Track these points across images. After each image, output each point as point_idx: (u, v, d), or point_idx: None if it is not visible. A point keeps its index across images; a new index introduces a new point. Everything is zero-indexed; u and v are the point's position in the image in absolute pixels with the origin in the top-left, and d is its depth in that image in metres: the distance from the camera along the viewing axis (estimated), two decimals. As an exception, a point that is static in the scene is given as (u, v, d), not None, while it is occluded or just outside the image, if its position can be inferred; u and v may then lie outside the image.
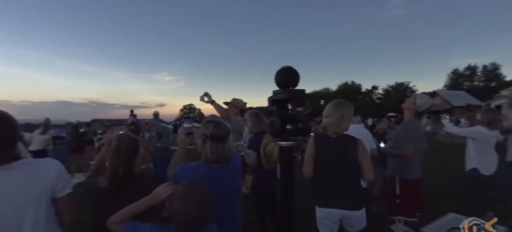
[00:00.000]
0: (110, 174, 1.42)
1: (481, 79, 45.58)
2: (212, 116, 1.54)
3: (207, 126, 1.42)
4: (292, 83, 1.33)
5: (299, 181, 5.54)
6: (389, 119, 18.50)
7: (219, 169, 1.41)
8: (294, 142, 1.36)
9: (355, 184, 1.89)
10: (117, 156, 1.43)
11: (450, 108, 29.46)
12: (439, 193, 4.31)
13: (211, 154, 1.38)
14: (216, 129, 1.40)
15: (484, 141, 3.20)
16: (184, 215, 1.08)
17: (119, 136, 1.52)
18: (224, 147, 1.42)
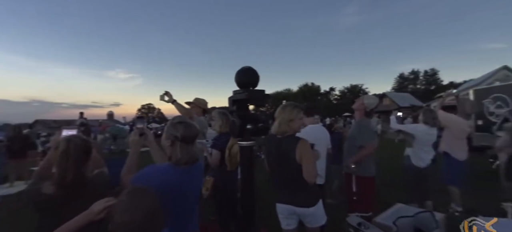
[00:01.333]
0: (58, 179, 1.28)
1: (423, 82, 51.27)
2: (180, 117, 1.50)
3: (177, 127, 1.38)
4: (252, 83, 1.35)
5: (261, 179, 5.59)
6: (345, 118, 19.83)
7: (189, 170, 1.38)
8: (254, 142, 1.38)
9: (300, 183, 1.93)
10: (66, 159, 1.30)
11: (397, 108, 32.46)
12: (388, 186, 4.73)
13: (182, 156, 1.34)
14: (187, 131, 1.37)
15: (421, 137, 3.60)
16: (127, 226, 0.96)
17: (68, 137, 1.38)
18: (193, 148, 1.41)
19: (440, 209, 3.47)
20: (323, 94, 57.65)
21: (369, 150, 2.82)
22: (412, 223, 2.46)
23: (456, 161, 3.82)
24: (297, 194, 1.98)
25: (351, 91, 53.27)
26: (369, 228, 2.40)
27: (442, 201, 3.92)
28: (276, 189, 2.12)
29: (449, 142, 3.89)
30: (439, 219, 2.49)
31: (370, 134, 2.89)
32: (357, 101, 3.15)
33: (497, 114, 7.43)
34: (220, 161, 2.65)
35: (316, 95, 55.64)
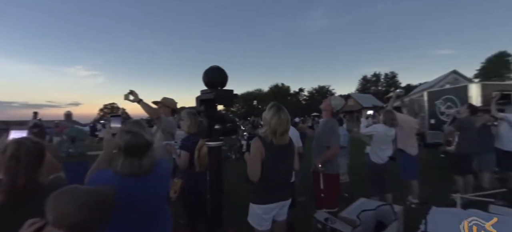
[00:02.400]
0: (7, 186, 1.16)
1: (384, 84, 54.93)
2: (133, 123, 1.38)
3: (122, 136, 1.28)
4: (220, 83, 1.34)
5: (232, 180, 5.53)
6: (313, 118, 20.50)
7: (137, 181, 1.29)
8: (222, 142, 1.37)
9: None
10: (16, 163, 1.18)
11: (360, 108, 34.36)
12: (352, 181, 4.98)
13: (122, 168, 1.26)
14: (132, 141, 1.26)
15: (380, 137, 3.86)
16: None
17: (18, 139, 1.25)
18: (143, 161, 1.29)
19: (398, 202, 3.75)
20: (293, 95, 59.08)
21: (334, 151, 2.95)
22: (374, 215, 2.63)
23: (410, 156, 4.17)
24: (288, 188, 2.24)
25: (319, 92, 55.31)
26: (335, 223, 2.51)
27: (400, 194, 4.25)
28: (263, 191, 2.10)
29: (402, 139, 4.22)
30: (398, 211, 2.68)
31: (336, 135, 3.02)
32: (325, 102, 3.27)
33: (447, 114, 8.19)
34: (189, 162, 2.59)
35: (286, 95, 56.83)
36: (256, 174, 1.99)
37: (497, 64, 39.52)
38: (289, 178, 2.23)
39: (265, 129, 2.04)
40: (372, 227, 2.57)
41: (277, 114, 2.00)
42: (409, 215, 2.99)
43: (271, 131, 1.99)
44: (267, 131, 2.02)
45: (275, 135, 1.99)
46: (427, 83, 25.10)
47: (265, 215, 2.08)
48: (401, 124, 4.18)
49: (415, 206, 3.95)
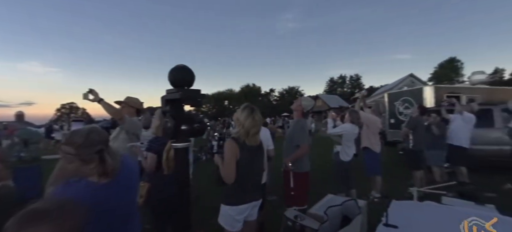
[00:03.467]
0: None
1: (349, 86, 57.73)
2: (91, 127, 1.29)
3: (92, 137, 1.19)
4: (186, 82, 1.29)
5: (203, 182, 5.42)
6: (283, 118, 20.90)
7: (108, 185, 1.21)
8: (189, 143, 1.32)
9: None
10: None
11: (328, 109, 35.78)
12: (321, 179, 5.17)
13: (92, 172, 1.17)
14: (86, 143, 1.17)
15: (348, 135, 4.06)
16: None
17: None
18: (107, 160, 1.21)
19: (362, 196, 3.96)
20: (264, 95, 59.70)
21: (303, 150, 3.04)
22: (340, 211, 2.74)
23: (374, 154, 4.43)
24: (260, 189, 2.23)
25: (289, 93, 56.51)
26: (305, 220, 2.57)
27: (364, 190, 4.49)
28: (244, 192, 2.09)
29: (368, 137, 4.47)
30: (362, 206, 2.82)
31: (305, 135, 3.11)
32: (296, 102, 3.36)
33: (405, 114, 8.86)
34: (156, 165, 2.48)
35: (257, 95, 57.26)
36: (232, 175, 1.97)
37: (448, 69, 43.89)
38: (260, 178, 2.24)
39: (238, 129, 2.04)
40: (339, 221, 2.68)
41: (251, 115, 2.02)
42: (372, 209, 3.16)
43: (245, 131, 2.00)
44: (240, 132, 2.02)
45: (248, 136, 2.01)
46: (387, 85, 26.92)
47: (238, 216, 2.07)
48: (367, 123, 4.42)
49: (377, 200, 4.20)
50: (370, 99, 13.99)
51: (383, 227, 2.22)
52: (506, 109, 4.86)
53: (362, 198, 3.57)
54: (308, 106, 3.32)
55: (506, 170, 4.82)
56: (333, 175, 4.29)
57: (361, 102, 4.80)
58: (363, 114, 4.48)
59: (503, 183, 4.82)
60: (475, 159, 5.13)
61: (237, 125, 2.05)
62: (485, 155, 5.58)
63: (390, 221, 2.24)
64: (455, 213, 2.54)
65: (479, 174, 5.13)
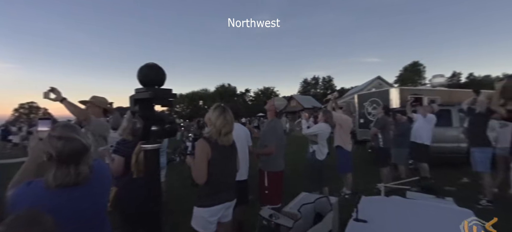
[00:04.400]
0: None
1: (321, 87, 59.55)
2: (63, 126, 1.19)
3: (53, 142, 1.10)
4: (157, 81, 1.23)
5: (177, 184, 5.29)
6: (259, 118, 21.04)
7: (73, 191, 1.13)
8: (160, 145, 1.26)
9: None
10: None
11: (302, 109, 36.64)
12: (295, 177, 5.27)
13: (55, 179, 1.08)
14: (66, 148, 1.10)
15: (322, 134, 4.19)
16: None
17: None
18: (79, 168, 1.13)
19: (334, 193, 4.10)
20: (239, 95, 59.63)
21: (268, 151, 3.09)
22: (313, 208, 2.81)
23: (346, 152, 4.61)
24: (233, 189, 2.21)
25: (264, 93, 57.00)
26: (279, 218, 2.60)
27: (336, 187, 4.66)
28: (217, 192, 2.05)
29: (340, 137, 4.64)
30: (333, 202, 2.92)
31: (274, 136, 3.15)
32: (269, 103, 3.40)
33: (373, 114, 9.33)
34: (124, 168, 2.36)
35: (232, 95, 57.04)
36: (203, 176, 1.95)
37: (411, 72, 47.16)
38: (233, 178, 2.22)
39: (210, 129, 2.02)
40: (312, 218, 2.74)
41: (223, 114, 2.02)
42: (343, 205, 3.28)
43: (216, 131, 1.99)
44: (212, 131, 2.00)
45: (220, 135, 1.99)
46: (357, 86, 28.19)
47: (211, 218, 2.04)
48: (340, 123, 4.59)
49: (348, 197, 4.37)
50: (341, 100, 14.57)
51: (354, 222, 2.31)
52: (462, 109, 5.29)
53: (334, 195, 3.70)
54: (281, 105, 3.37)
55: (463, 166, 5.25)
56: (308, 173, 4.39)
57: (333, 103, 4.97)
58: (336, 114, 4.65)
59: (460, 178, 5.25)
60: (435, 156, 5.53)
61: (209, 125, 2.04)
62: (444, 151, 6.05)
63: (360, 216, 2.34)
64: (417, 206, 2.72)
65: (439, 169, 5.54)
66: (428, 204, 2.78)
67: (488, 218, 3.19)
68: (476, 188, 4.41)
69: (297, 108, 39.10)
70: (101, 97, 2.99)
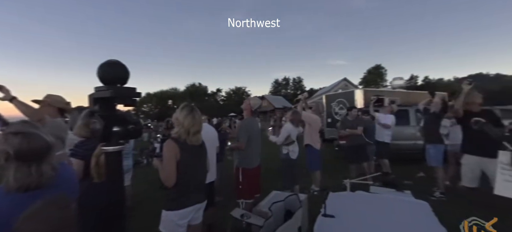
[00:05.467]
0: None
1: (292, 88, 60.83)
2: (21, 122, 1.10)
3: (10, 139, 0.99)
4: (119, 79, 1.15)
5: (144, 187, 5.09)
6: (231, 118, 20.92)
7: (37, 195, 1.00)
8: (123, 147, 1.19)
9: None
10: None
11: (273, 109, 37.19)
12: (269, 175, 5.32)
13: (16, 180, 0.98)
14: (24, 145, 1.00)
15: (293, 133, 4.29)
16: None
17: None
18: (42, 168, 1.04)
19: (304, 191, 4.21)
20: (211, 95, 58.79)
21: (238, 146, 3.26)
22: (284, 206, 2.87)
23: (315, 150, 4.76)
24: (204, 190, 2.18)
25: (236, 93, 56.82)
26: (250, 218, 2.61)
27: (306, 184, 4.79)
28: (186, 194, 2.00)
29: (310, 135, 4.78)
30: (303, 200, 3.00)
31: (246, 132, 3.28)
32: (245, 102, 3.53)
33: (340, 114, 9.76)
34: (84, 172, 2.19)
35: (203, 95, 56.05)
36: (171, 177, 1.88)
37: (374, 74, 50.17)
38: (204, 179, 2.18)
39: (178, 129, 1.96)
40: (282, 216, 2.79)
41: (191, 113, 1.98)
42: (313, 201, 3.38)
43: (185, 131, 1.94)
44: (180, 131, 1.94)
45: (189, 135, 1.94)
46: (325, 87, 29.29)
47: (180, 221, 1.98)
48: (309, 122, 4.72)
49: (317, 193, 4.51)
50: (310, 100, 15.05)
51: (322, 217, 2.39)
52: (418, 109, 5.73)
53: (304, 192, 3.80)
54: (255, 105, 3.50)
55: (419, 161, 5.69)
56: (282, 172, 4.49)
57: (303, 103, 5.11)
58: (306, 114, 4.79)
59: (416, 172, 5.68)
60: (395, 152, 5.94)
61: (177, 125, 1.99)
62: (402, 148, 6.52)
63: (328, 211, 2.42)
64: (380, 199, 2.89)
65: (399, 165, 5.95)
66: (389, 198, 2.97)
67: (441, 207, 3.48)
68: (430, 181, 4.80)
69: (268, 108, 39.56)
70: (56, 95, 2.75)
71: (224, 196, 4.28)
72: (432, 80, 52.00)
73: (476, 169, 3.32)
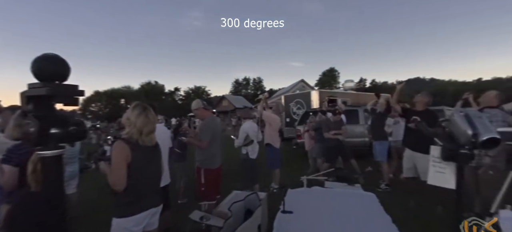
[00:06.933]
0: None
1: (252, 88, 61.44)
2: None
3: None
4: (58, 75, 1.02)
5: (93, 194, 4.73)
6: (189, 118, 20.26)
7: None
8: (63, 151, 1.05)
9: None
10: None
11: (233, 109, 37.16)
12: (230, 175, 5.29)
13: None
14: None
15: (251, 132, 4.34)
16: None
17: None
18: None
19: (264, 189, 4.28)
20: (168, 94, 56.33)
21: (200, 144, 3.23)
22: (243, 205, 2.87)
23: (275, 149, 4.88)
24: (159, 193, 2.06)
25: (195, 92, 55.32)
26: (210, 219, 2.57)
27: (266, 183, 4.88)
28: (140, 198, 1.86)
29: (270, 135, 4.88)
30: (262, 198, 3.05)
31: (207, 133, 3.25)
32: None
33: (298, 114, 10.15)
34: (19, 180, 1.92)
35: (160, 94, 53.41)
36: (121, 181, 1.74)
37: (328, 77, 53.43)
38: (159, 182, 2.07)
39: (129, 129, 1.83)
40: (242, 215, 2.80)
41: (144, 113, 1.87)
42: (272, 199, 3.45)
43: (137, 131, 1.82)
44: (131, 132, 1.82)
45: (141, 135, 1.83)
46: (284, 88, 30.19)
47: (134, 228, 1.84)
48: (269, 122, 4.82)
49: (276, 191, 4.63)
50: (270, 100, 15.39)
51: (281, 214, 2.46)
52: (366, 109, 6.24)
53: (264, 191, 3.86)
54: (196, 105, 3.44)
55: (367, 157, 6.19)
56: (242, 171, 4.50)
57: (264, 103, 5.19)
58: (266, 114, 4.87)
59: (365, 167, 6.18)
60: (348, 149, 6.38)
61: (127, 125, 1.86)
62: (353, 145, 7.04)
63: (287, 207, 2.50)
64: (333, 193, 3.08)
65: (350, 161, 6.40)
66: (341, 191, 3.18)
67: (386, 197, 3.82)
68: (377, 175, 5.27)
69: (228, 108, 39.42)
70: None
71: (189, 198, 4.18)
72: (379, 83, 57.27)
73: (411, 160, 3.76)
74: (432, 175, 1.58)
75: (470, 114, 1.37)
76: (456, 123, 1.39)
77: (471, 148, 1.31)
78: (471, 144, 1.29)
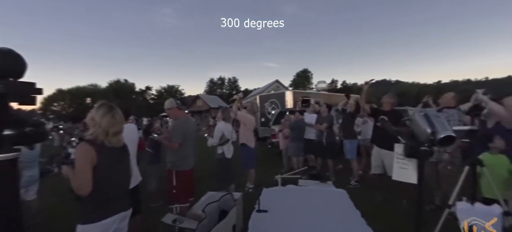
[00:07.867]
0: None
1: (227, 87, 61.03)
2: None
3: None
4: (12, 72, 0.94)
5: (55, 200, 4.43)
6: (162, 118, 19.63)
7: None
8: (18, 154, 0.97)
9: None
10: None
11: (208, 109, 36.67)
12: (204, 176, 5.21)
13: None
14: None
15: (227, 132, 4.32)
16: None
17: None
18: None
19: (239, 189, 4.28)
20: (139, 93, 54.06)
21: (172, 145, 3.15)
22: (218, 206, 2.84)
23: (250, 149, 4.89)
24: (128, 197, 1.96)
25: (168, 91, 53.65)
26: (183, 222, 2.51)
27: (241, 183, 4.87)
28: (107, 202, 1.76)
29: (245, 134, 4.88)
30: (237, 198, 3.04)
31: (178, 134, 3.19)
32: None
33: (272, 113, 10.28)
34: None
35: (130, 93, 51.08)
36: (86, 185, 1.63)
37: (302, 77, 54.78)
38: (127, 184, 1.97)
39: (94, 130, 1.73)
40: (217, 216, 2.77)
41: (110, 112, 1.78)
42: (247, 199, 3.46)
43: (103, 131, 1.72)
44: (96, 132, 1.72)
45: (107, 136, 1.73)
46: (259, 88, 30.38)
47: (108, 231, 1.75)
48: (244, 122, 4.81)
49: (252, 190, 4.65)
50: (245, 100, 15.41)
51: (256, 213, 2.48)
52: (338, 109, 6.50)
53: (239, 191, 3.86)
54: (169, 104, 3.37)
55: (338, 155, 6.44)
56: (217, 172, 4.44)
57: (239, 102, 5.18)
58: (241, 114, 4.87)
59: (336, 165, 6.42)
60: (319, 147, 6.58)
61: (92, 126, 1.76)
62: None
63: (262, 206, 2.52)
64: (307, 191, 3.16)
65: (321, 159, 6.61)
66: (314, 189, 3.28)
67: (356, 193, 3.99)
68: (348, 172, 5.50)
69: (203, 107, 38.80)
70: None
71: (163, 201, 4.05)
72: (349, 84, 59.80)
73: (378, 158, 3.97)
74: (396, 171, 1.68)
75: (429, 114, 1.48)
76: (416, 122, 1.49)
77: (430, 145, 1.41)
78: (430, 141, 1.40)
